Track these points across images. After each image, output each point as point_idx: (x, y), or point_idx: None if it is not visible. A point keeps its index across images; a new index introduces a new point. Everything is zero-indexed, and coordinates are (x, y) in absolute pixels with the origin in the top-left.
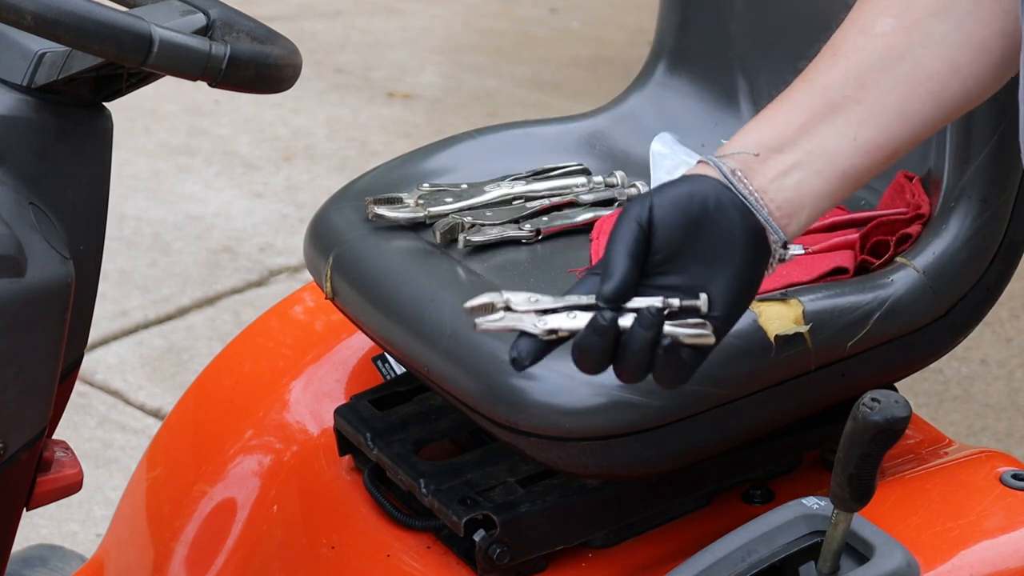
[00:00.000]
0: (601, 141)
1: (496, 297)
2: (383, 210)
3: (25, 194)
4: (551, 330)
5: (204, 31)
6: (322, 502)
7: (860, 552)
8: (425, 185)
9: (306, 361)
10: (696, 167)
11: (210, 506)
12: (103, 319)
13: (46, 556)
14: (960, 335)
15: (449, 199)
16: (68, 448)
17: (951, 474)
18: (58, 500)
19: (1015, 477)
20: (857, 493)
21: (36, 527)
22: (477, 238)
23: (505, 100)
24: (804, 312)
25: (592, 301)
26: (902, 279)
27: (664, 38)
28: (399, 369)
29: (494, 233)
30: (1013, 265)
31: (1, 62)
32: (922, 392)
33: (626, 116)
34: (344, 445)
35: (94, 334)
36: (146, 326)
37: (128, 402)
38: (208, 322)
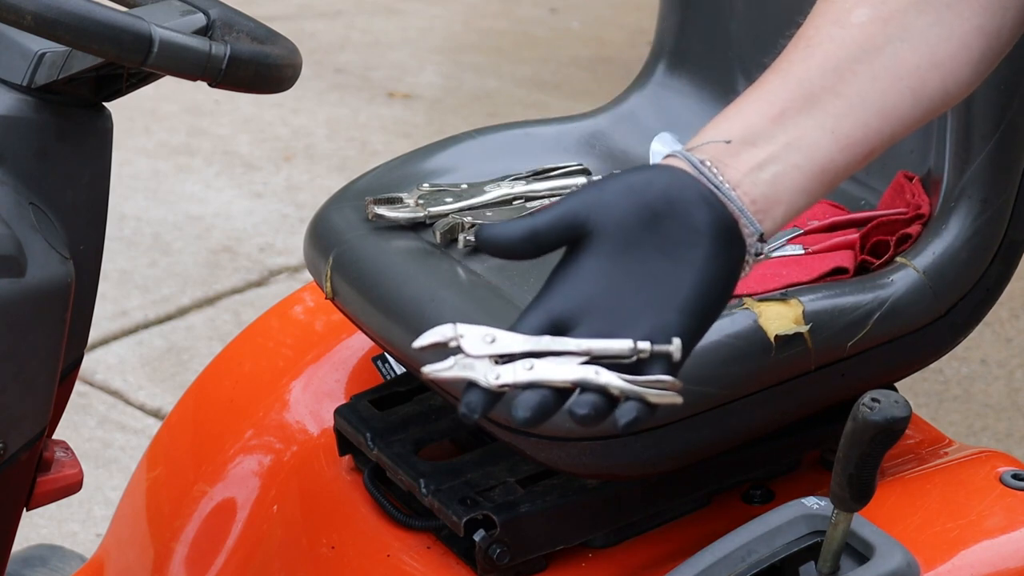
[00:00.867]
0: (601, 141)
1: (449, 332)
2: (383, 210)
3: (25, 194)
4: (504, 384)
5: (204, 31)
6: (322, 502)
7: (860, 552)
8: (425, 185)
9: (306, 361)
10: (664, 160)
11: (210, 506)
12: (103, 319)
13: (46, 556)
14: (960, 335)
15: (449, 199)
16: (68, 448)
17: (951, 474)
18: (58, 500)
19: (1015, 477)
20: (857, 493)
21: (36, 527)
22: None
23: (505, 100)
24: (804, 312)
25: (550, 348)
26: (902, 279)
27: (664, 38)
28: (399, 369)
29: None
30: (1013, 265)
31: (1, 62)
32: (922, 392)
33: (626, 116)
34: (344, 445)
35: (94, 334)
36: (146, 326)
37: (128, 402)
38: (208, 322)
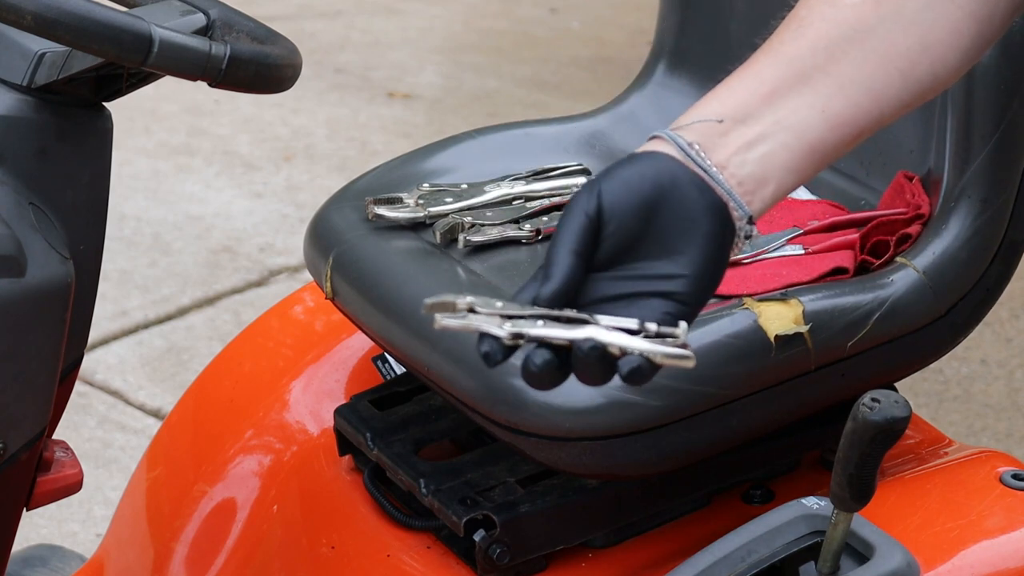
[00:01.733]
0: (601, 141)
1: (459, 298)
2: (383, 210)
3: (25, 194)
4: (516, 334)
5: (204, 31)
6: (322, 502)
7: (860, 552)
8: (425, 185)
9: (306, 361)
10: (649, 142)
11: (210, 506)
12: (103, 319)
13: (46, 556)
14: (960, 335)
15: (449, 199)
16: (68, 448)
17: (951, 474)
18: (58, 500)
19: (1015, 477)
20: (857, 493)
21: (36, 527)
22: (477, 238)
23: (505, 100)
24: (804, 312)
25: (556, 312)
26: (902, 279)
27: (664, 38)
28: (399, 369)
29: (494, 233)
30: (1013, 265)
31: (1, 62)
32: (922, 392)
33: (626, 116)
34: (344, 445)
35: (94, 334)
36: (146, 326)
37: (128, 402)
38: (208, 322)
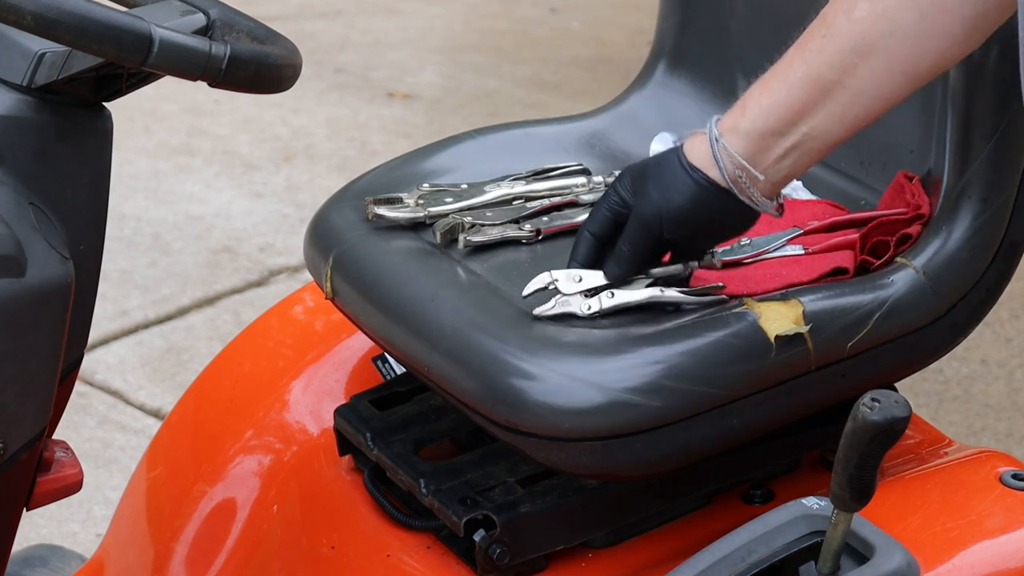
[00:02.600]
0: (601, 141)
1: (547, 279)
2: (383, 210)
3: (25, 194)
4: (595, 312)
5: (204, 31)
6: (322, 502)
7: (860, 552)
8: (425, 185)
9: (306, 361)
10: (697, 153)
11: (210, 506)
12: (103, 319)
13: (46, 556)
14: (960, 335)
15: (449, 199)
16: (68, 448)
17: (951, 474)
18: (58, 500)
19: (1015, 477)
20: (857, 493)
21: (36, 527)
22: (477, 238)
23: (505, 100)
24: (804, 312)
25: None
26: (902, 279)
27: (664, 38)
28: (399, 369)
29: (494, 233)
30: (1013, 265)
31: (1, 62)
32: (922, 392)
33: (626, 116)
34: (344, 445)
35: (94, 334)
36: (146, 326)
37: (128, 402)
38: (208, 322)
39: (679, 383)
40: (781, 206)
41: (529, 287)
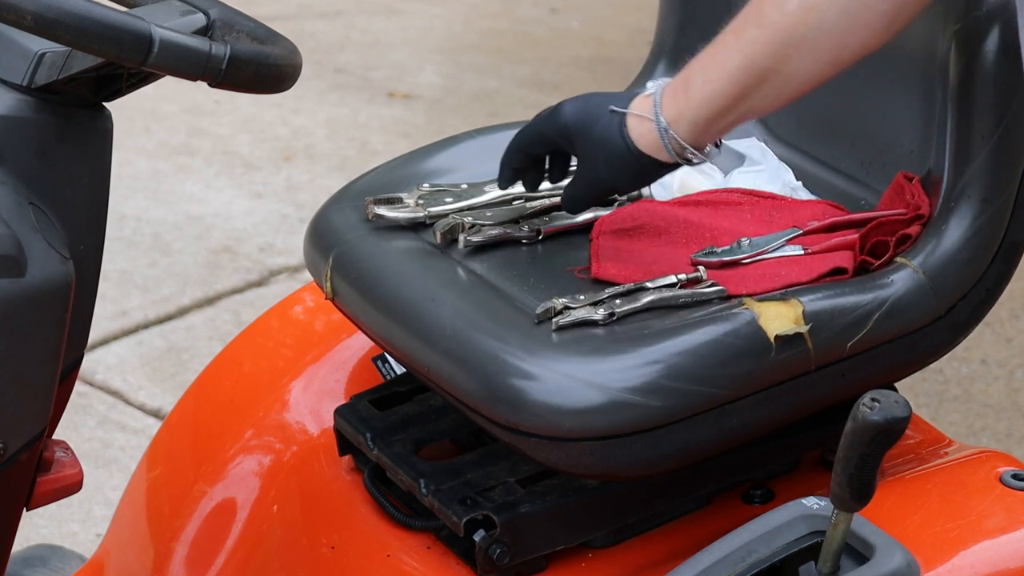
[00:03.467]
0: None
1: (556, 302)
2: (383, 210)
3: (25, 194)
4: (608, 315)
5: (204, 31)
6: (322, 502)
7: (860, 552)
8: (425, 185)
9: (306, 361)
10: (645, 141)
11: (210, 506)
12: (103, 319)
13: (46, 556)
14: (960, 335)
15: (449, 199)
16: (68, 448)
17: (951, 474)
18: (58, 500)
19: (1015, 477)
20: (857, 493)
21: (36, 527)
22: (477, 238)
23: (505, 100)
24: (804, 312)
25: (623, 289)
26: (902, 279)
27: (664, 38)
28: (399, 369)
29: (494, 233)
30: (1013, 265)
31: (1, 62)
32: (922, 392)
33: None
34: (344, 445)
35: (94, 334)
36: (146, 326)
37: (128, 402)
38: (208, 322)
39: (679, 383)
40: (717, 145)
41: (540, 308)
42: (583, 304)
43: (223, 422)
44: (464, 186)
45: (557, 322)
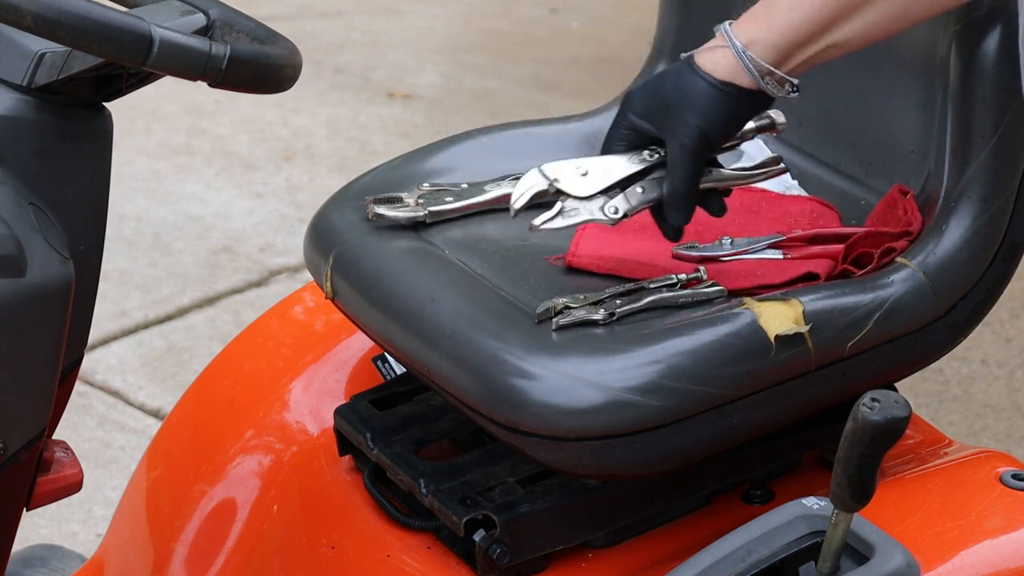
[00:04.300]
0: (601, 141)
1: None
2: (383, 210)
3: (25, 194)
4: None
5: (204, 31)
6: (322, 502)
7: (860, 552)
8: (425, 185)
9: (306, 361)
10: (721, 68)
11: (210, 506)
12: (103, 319)
13: (46, 556)
14: (960, 335)
15: (449, 199)
16: (68, 448)
17: (951, 474)
18: (58, 500)
19: (1015, 477)
20: (857, 493)
21: (36, 527)
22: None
23: (505, 100)
24: (804, 312)
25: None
26: (902, 279)
27: (664, 38)
28: (399, 369)
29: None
30: (1013, 265)
31: (1, 62)
32: (922, 392)
33: None
34: (344, 445)
35: (94, 334)
36: (146, 326)
37: (128, 402)
38: (208, 322)
39: (679, 383)
40: (796, 86)
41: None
42: (583, 304)
43: (223, 422)
44: (464, 185)
45: (557, 322)
